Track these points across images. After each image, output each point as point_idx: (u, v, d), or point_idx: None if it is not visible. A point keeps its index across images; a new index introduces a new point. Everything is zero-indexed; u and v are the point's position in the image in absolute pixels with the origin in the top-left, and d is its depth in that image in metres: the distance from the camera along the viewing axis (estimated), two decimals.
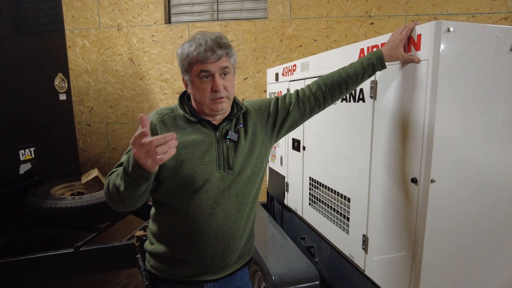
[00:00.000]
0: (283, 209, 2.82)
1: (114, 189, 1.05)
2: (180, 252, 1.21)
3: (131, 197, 1.05)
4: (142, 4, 4.33)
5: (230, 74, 1.18)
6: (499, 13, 3.47)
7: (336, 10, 3.83)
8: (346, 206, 1.77)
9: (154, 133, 1.17)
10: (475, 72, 1.25)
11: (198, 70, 1.13)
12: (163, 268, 1.26)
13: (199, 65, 1.12)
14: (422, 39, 1.24)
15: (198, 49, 1.11)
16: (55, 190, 2.97)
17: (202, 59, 1.11)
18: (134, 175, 0.97)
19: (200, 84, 1.15)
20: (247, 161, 1.24)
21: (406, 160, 1.34)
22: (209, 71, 1.13)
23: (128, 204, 1.10)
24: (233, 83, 1.21)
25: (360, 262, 1.66)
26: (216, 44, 1.12)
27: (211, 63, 1.12)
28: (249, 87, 4.18)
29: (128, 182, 1.00)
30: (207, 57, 1.11)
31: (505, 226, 1.40)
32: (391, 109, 1.41)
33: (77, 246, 2.34)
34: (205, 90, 1.14)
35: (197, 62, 1.12)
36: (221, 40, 1.15)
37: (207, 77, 1.14)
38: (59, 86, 3.49)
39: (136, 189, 1.02)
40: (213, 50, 1.11)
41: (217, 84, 1.13)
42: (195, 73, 1.14)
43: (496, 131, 1.31)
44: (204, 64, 1.12)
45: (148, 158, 0.91)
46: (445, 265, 1.34)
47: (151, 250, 1.28)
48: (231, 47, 1.20)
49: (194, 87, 1.17)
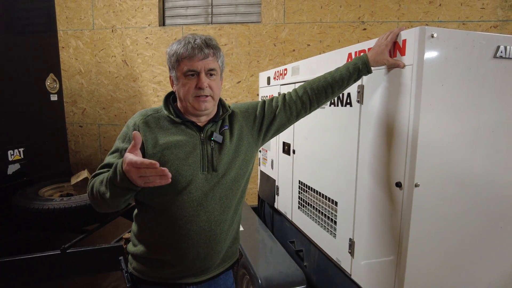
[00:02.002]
0: (273, 213, 2.82)
1: (99, 195, 1.06)
2: (162, 254, 1.21)
3: (116, 204, 1.07)
4: (136, 6, 4.33)
5: (216, 75, 1.19)
6: (489, 21, 3.52)
7: (329, 16, 3.86)
8: (334, 210, 1.77)
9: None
10: (459, 78, 1.26)
11: (185, 68, 1.15)
12: (145, 270, 1.25)
13: (186, 61, 1.14)
14: (407, 45, 1.26)
15: (186, 46, 1.14)
16: (44, 191, 2.95)
17: (189, 55, 1.13)
18: (122, 187, 0.98)
19: (185, 80, 1.16)
20: (232, 163, 1.23)
21: (391, 164, 1.34)
22: (195, 70, 1.14)
23: (113, 208, 1.12)
24: (219, 84, 1.22)
25: (347, 266, 1.66)
26: (204, 43, 1.15)
27: (197, 61, 1.14)
28: (242, 90, 4.19)
29: (114, 192, 1.01)
30: (194, 54, 1.13)
31: (489, 229, 1.41)
32: (377, 113, 1.42)
33: (64, 248, 2.31)
34: (189, 86, 1.15)
35: (184, 58, 1.14)
36: (210, 41, 1.18)
37: (193, 75, 1.15)
38: (50, 87, 3.47)
39: (122, 198, 1.04)
40: (201, 48, 1.14)
41: (202, 81, 1.14)
42: (182, 70, 1.16)
43: (480, 136, 1.32)
44: (191, 62, 1.14)
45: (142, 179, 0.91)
46: (430, 269, 1.35)
47: (134, 252, 1.27)
48: (220, 49, 1.22)
49: (179, 83, 1.18)
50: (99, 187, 1.06)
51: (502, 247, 1.45)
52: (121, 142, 1.20)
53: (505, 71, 1.30)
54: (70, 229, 2.73)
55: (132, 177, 0.92)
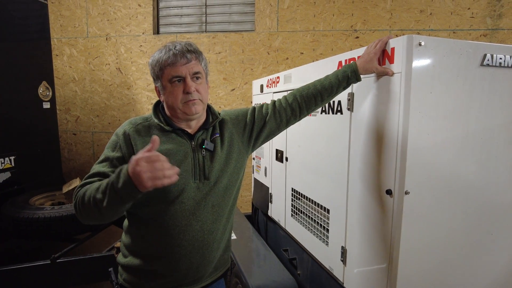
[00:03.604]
0: (267, 221, 2.80)
1: (92, 203, 0.98)
2: (154, 265, 1.19)
3: (110, 214, 1.00)
4: (131, 14, 4.35)
5: (201, 78, 1.19)
6: (478, 30, 3.57)
7: (322, 24, 3.90)
8: (326, 217, 1.77)
9: (127, 143, 1.16)
10: (447, 86, 1.27)
11: (170, 75, 1.14)
12: (136, 281, 1.22)
13: (169, 69, 1.14)
14: (396, 53, 1.27)
15: (168, 53, 1.14)
16: (35, 199, 2.91)
17: (172, 62, 1.13)
18: (123, 193, 0.91)
19: (172, 88, 1.15)
20: (223, 171, 1.23)
21: (381, 171, 1.35)
22: (180, 75, 1.14)
23: (103, 220, 1.04)
24: (205, 88, 1.22)
25: (339, 274, 1.65)
26: (185, 49, 1.15)
27: (181, 66, 1.13)
28: (236, 98, 4.20)
29: (113, 198, 0.94)
30: (176, 60, 1.13)
31: (479, 236, 1.41)
32: (367, 121, 1.43)
33: (54, 257, 2.27)
34: (177, 93, 1.15)
35: (167, 65, 1.13)
36: (191, 46, 1.18)
37: (179, 81, 1.15)
38: (43, 95, 3.46)
39: (119, 207, 0.97)
40: (183, 53, 1.14)
41: (189, 86, 1.14)
42: (167, 77, 1.15)
43: (469, 143, 1.33)
44: (175, 68, 1.13)
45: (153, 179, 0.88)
46: (421, 276, 1.34)
47: (124, 263, 1.24)
48: (201, 53, 1.22)
49: (166, 92, 1.17)
50: (94, 194, 0.98)
51: (492, 253, 1.45)
52: (111, 151, 1.16)
53: (492, 79, 1.32)
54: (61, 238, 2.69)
55: (141, 177, 0.86)
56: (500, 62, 1.32)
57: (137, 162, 0.87)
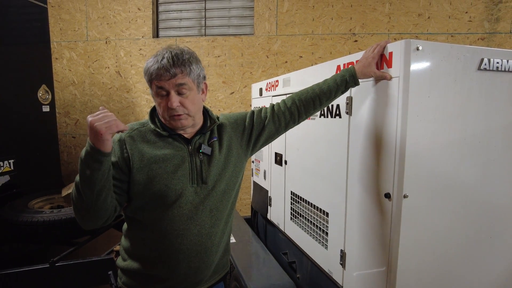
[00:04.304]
0: (266, 224, 2.80)
1: (75, 191, 1.05)
2: (153, 269, 1.19)
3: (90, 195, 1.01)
4: (130, 18, 4.36)
5: (188, 90, 1.14)
6: (476, 34, 3.60)
7: (321, 28, 3.92)
8: (325, 221, 1.77)
9: (121, 148, 1.16)
10: (445, 90, 1.28)
11: (155, 87, 1.13)
12: (135, 284, 1.23)
13: (155, 81, 1.12)
14: (393, 57, 1.28)
15: (154, 65, 1.11)
16: (34, 203, 2.91)
17: (158, 74, 1.10)
18: (88, 159, 0.99)
19: (159, 99, 1.14)
20: (221, 175, 1.23)
21: (380, 175, 1.35)
22: (164, 89, 1.12)
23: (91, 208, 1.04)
24: (194, 99, 1.16)
25: (338, 277, 1.65)
26: (171, 62, 1.09)
27: (165, 81, 1.10)
28: (235, 101, 4.21)
29: (83, 170, 1.01)
30: (160, 73, 1.10)
31: (478, 238, 1.42)
32: (366, 125, 1.43)
33: (52, 261, 2.27)
34: (163, 105, 1.14)
35: (154, 78, 1.12)
36: (178, 58, 1.11)
37: (165, 95, 1.13)
38: (42, 98, 3.46)
39: (92, 180, 1.00)
40: (167, 69, 1.09)
41: (171, 102, 1.11)
42: (154, 89, 1.14)
43: (466, 146, 1.34)
44: (160, 81, 1.11)
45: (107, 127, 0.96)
46: (420, 280, 1.35)
47: (123, 267, 1.25)
48: (191, 63, 1.14)
49: (156, 102, 1.18)
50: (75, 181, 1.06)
51: (492, 256, 1.46)
52: None
53: (489, 83, 1.33)
54: (60, 242, 2.69)
55: (96, 127, 0.95)
56: (497, 66, 1.33)
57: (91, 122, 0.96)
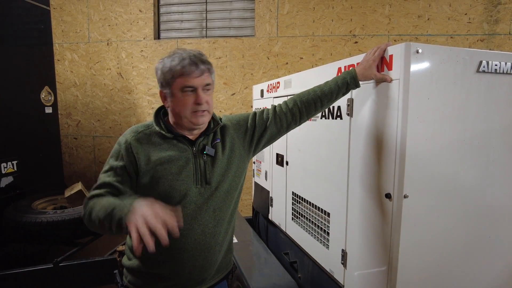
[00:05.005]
0: (268, 224, 2.82)
1: (98, 222, 1.05)
2: (158, 268, 1.21)
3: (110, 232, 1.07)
4: (132, 20, 4.39)
5: (211, 90, 1.22)
6: (475, 35, 3.62)
7: (321, 29, 3.94)
8: (327, 221, 1.79)
9: (129, 152, 1.18)
10: (444, 92, 1.30)
11: (181, 84, 1.15)
12: (140, 283, 1.25)
13: (182, 79, 1.14)
14: (394, 60, 1.30)
15: (182, 62, 1.14)
16: (37, 203, 2.93)
17: (186, 72, 1.13)
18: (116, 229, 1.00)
19: (182, 97, 1.16)
20: (224, 175, 1.25)
21: (381, 175, 1.37)
22: (192, 86, 1.15)
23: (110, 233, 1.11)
24: (212, 98, 1.24)
25: (340, 277, 1.67)
26: (199, 59, 1.16)
27: (194, 78, 1.14)
28: (236, 102, 4.23)
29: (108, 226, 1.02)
30: (191, 71, 1.14)
31: (478, 238, 1.44)
32: (366, 126, 1.46)
33: (56, 261, 2.29)
34: (187, 103, 1.16)
35: (181, 75, 1.14)
36: (203, 56, 1.19)
37: (191, 91, 1.16)
38: (45, 99, 3.49)
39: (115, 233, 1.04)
40: (197, 65, 1.14)
41: (201, 97, 1.16)
42: (178, 86, 1.15)
43: (466, 147, 1.36)
44: (188, 79, 1.14)
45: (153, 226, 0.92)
46: (420, 279, 1.36)
47: (129, 266, 1.27)
48: (211, 64, 1.23)
49: (175, 100, 1.18)
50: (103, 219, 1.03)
51: (491, 256, 1.48)
52: (114, 160, 1.20)
53: (488, 85, 1.35)
54: (64, 242, 2.71)
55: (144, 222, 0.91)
56: (495, 68, 1.35)
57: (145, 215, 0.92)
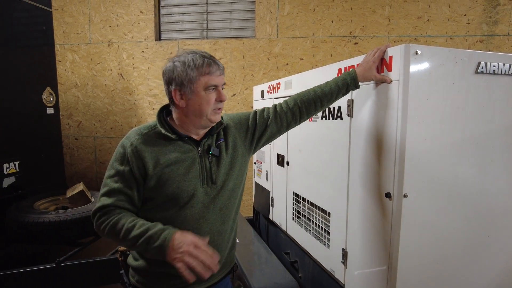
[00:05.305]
0: (268, 224, 2.84)
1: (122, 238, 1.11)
2: (165, 267, 1.20)
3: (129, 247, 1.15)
4: (133, 21, 4.41)
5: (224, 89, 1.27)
6: (475, 36, 3.64)
7: (321, 30, 3.96)
8: (327, 220, 1.81)
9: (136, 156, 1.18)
10: (443, 92, 1.32)
11: (206, 83, 1.19)
12: (148, 282, 1.26)
13: (207, 77, 1.18)
14: (393, 61, 1.32)
15: (206, 61, 1.19)
16: (39, 204, 2.94)
17: (212, 71, 1.19)
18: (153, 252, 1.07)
19: (206, 95, 1.19)
20: (229, 174, 1.28)
21: (381, 175, 1.39)
22: (216, 85, 1.21)
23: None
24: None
25: (340, 276, 1.69)
26: (216, 60, 1.23)
27: (217, 76, 1.21)
28: (237, 103, 4.25)
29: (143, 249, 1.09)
30: (215, 69, 1.20)
31: (477, 237, 1.45)
32: (367, 126, 1.47)
33: (58, 261, 2.31)
34: (210, 100, 1.20)
35: (207, 74, 1.18)
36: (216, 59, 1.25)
37: (213, 89, 1.21)
38: (47, 100, 3.51)
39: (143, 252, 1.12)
40: (218, 64, 1.22)
41: (223, 95, 1.23)
42: (202, 85, 1.19)
43: (464, 147, 1.38)
44: (213, 77, 1.19)
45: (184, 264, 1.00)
46: (420, 278, 1.38)
47: (136, 266, 1.28)
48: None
49: (197, 98, 1.20)
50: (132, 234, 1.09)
51: (490, 254, 1.49)
52: (120, 165, 1.18)
53: (486, 86, 1.37)
54: (66, 242, 2.72)
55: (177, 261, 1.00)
56: (493, 69, 1.37)
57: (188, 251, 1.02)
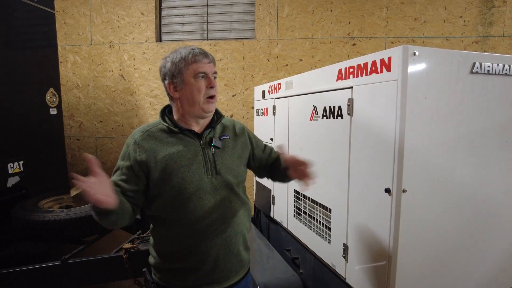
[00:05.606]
0: (269, 222, 2.89)
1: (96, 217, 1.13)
2: (184, 261, 1.26)
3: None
4: (134, 22, 4.45)
5: (216, 79, 1.31)
6: (470, 37, 3.71)
7: (320, 32, 4.02)
8: (328, 216, 1.86)
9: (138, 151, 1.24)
10: (440, 92, 1.38)
11: (195, 71, 1.24)
12: (170, 278, 1.30)
13: (195, 65, 1.24)
14: (392, 61, 1.37)
15: (192, 52, 1.25)
16: (44, 203, 2.98)
17: (198, 59, 1.24)
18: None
19: (196, 82, 1.25)
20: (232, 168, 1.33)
21: (380, 171, 1.45)
22: (205, 72, 1.26)
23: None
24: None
25: (341, 270, 1.74)
26: (205, 52, 1.29)
27: (205, 64, 1.26)
28: (237, 103, 4.30)
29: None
30: (202, 58, 1.25)
31: (473, 231, 1.51)
32: (366, 124, 1.53)
33: (64, 258, 2.34)
34: (201, 87, 1.25)
35: (193, 62, 1.24)
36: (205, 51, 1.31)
37: (203, 77, 1.26)
38: (50, 101, 3.54)
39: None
40: (206, 54, 1.27)
41: (213, 81, 1.27)
42: (191, 73, 1.25)
43: (460, 145, 1.44)
44: (201, 65, 1.25)
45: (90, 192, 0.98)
46: (419, 272, 1.43)
47: (155, 265, 1.33)
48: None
49: (188, 87, 1.25)
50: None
51: (486, 248, 1.55)
52: (121, 161, 1.27)
53: (481, 85, 1.43)
54: (70, 241, 2.76)
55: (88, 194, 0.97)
56: (488, 70, 1.43)
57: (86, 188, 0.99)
